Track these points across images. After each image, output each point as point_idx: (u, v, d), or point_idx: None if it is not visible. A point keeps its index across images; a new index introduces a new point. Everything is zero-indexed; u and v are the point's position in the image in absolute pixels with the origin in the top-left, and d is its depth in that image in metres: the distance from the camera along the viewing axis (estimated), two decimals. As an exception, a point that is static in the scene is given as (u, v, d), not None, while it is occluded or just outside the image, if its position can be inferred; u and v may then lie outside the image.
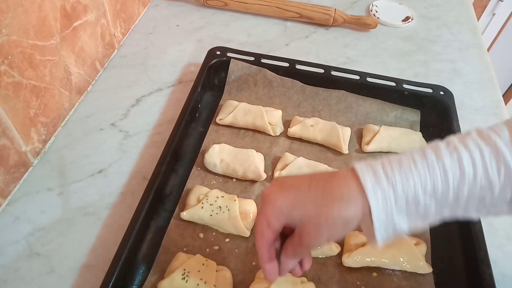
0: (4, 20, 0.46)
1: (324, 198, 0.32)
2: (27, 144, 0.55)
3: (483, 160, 0.30)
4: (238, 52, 0.67)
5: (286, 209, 0.33)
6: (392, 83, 0.65)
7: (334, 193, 0.32)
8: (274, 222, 0.34)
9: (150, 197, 0.49)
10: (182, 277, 0.44)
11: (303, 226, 0.33)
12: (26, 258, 0.48)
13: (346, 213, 0.31)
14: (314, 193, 0.32)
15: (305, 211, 0.32)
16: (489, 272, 0.45)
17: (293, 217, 0.33)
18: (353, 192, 0.31)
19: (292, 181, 0.34)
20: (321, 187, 0.32)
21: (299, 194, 0.33)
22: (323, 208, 0.32)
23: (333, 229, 0.32)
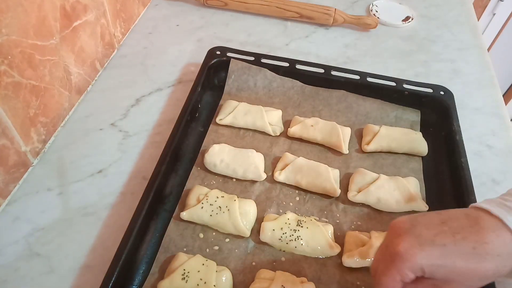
0: (4, 20, 0.46)
1: (478, 255, 0.30)
2: (27, 144, 0.55)
3: None
4: (238, 52, 0.67)
5: (429, 267, 0.31)
6: (392, 83, 0.64)
7: (488, 249, 0.30)
8: (411, 277, 0.31)
9: (150, 197, 0.49)
10: (182, 277, 0.44)
11: (448, 282, 0.31)
12: (26, 258, 0.48)
13: (502, 268, 0.30)
14: (464, 250, 0.30)
15: (454, 269, 0.30)
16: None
17: (435, 274, 0.31)
18: (507, 242, 0.30)
19: (429, 234, 0.31)
20: (471, 242, 0.30)
21: (445, 252, 0.30)
22: (478, 266, 0.30)
23: (484, 282, 0.31)
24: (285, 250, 0.49)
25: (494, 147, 0.64)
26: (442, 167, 0.59)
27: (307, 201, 0.54)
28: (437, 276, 0.31)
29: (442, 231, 0.31)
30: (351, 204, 0.54)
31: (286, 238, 0.48)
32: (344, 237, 0.50)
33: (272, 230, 0.48)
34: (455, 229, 0.31)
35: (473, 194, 0.52)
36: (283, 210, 0.53)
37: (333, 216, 0.53)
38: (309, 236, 0.48)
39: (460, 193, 0.53)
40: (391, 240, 0.33)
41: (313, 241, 0.48)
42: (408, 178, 0.55)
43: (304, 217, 0.51)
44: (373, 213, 0.53)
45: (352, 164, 0.58)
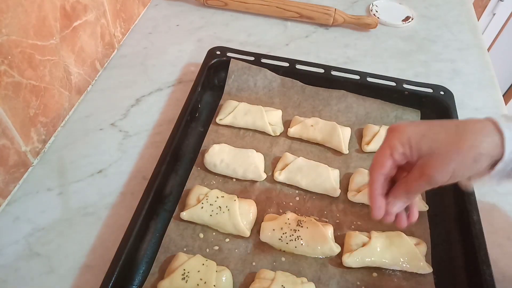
0: (4, 20, 0.46)
1: (459, 130, 0.32)
2: (27, 144, 0.55)
3: None
4: (238, 52, 0.67)
5: (415, 137, 0.33)
6: (392, 83, 0.64)
7: (469, 127, 0.32)
8: (399, 149, 0.34)
9: (150, 197, 0.49)
10: (182, 277, 0.44)
11: (430, 157, 0.33)
12: (26, 258, 0.48)
13: (480, 145, 0.31)
14: (448, 126, 0.33)
15: (437, 140, 0.32)
16: (489, 272, 0.45)
17: (420, 146, 0.33)
18: (488, 127, 0.31)
19: (421, 122, 0.35)
20: (455, 122, 0.33)
21: (431, 126, 0.33)
22: (457, 138, 0.32)
23: (462, 162, 0.32)
24: (285, 250, 0.49)
25: (494, 147, 0.64)
26: (442, 167, 0.58)
27: (307, 201, 0.54)
28: (422, 151, 0.33)
29: (434, 121, 0.35)
30: (351, 204, 0.54)
31: (286, 238, 0.48)
32: (344, 237, 0.50)
33: (272, 230, 0.48)
34: (447, 120, 0.35)
35: (473, 194, 0.52)
36: (283, 210, 0.53)
37: (333, 216, 0.53)
38: (309, 236, 0.48)
39: (460, 193, 0.53)
40: (390, 128, 0.36)
41: (313, 241, 0.48)
42: (408, 178, 0.55)
43: (304, 217, 0.51)
44: (373, 213, 0.53)
45: (352, 164, 0.58)
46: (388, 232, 0.49)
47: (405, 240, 0.48)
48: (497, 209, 0.56)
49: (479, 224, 0.49)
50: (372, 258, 0.47)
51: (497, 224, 0.54)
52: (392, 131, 0.35)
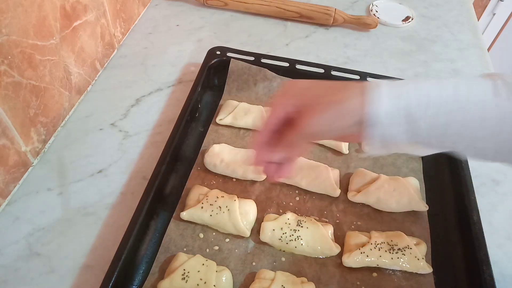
0: (4, 20, 0.46)
1: (332, 88, 0.35)
2: (27, 144, 0.55)
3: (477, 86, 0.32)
4: (238, 52, 0.67)
5: (300, 89, 0.36)
6: (392, 83, 0.64)
7: (340, 86, 0.35)
8: (287, 101, 0.36)
9: (150, 197, 0.49)
10: (182, 277, 0.44)
11: (306, 108, 0.35)
12: (26, 258, 0.48)
13: (346, 100, 0.33)
14: (325, 85, 0.36)
15: (314, 93, 0.36)
16: (489, 272, 0.45)
17: (302, 97, 0.36)
18: (356, 90, 0.34)
19: (308, 81, 0.38)
20: (331, 83, 0.36)
21: (314, 83, 0.37)
22: (329, 92, 0.35)
23: (330, 114, 0.34)
24: (285, 250, 0.49)
25: (494, 147, 0.64)
26: (442, 167, 0.59)
27: (307, 201, 0.54)
28: (303, 102, 0.36)
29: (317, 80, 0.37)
30: (351, 204, 0.54)
31: (286, 238, 0.48)
32: (344, 237, 0.50)
33: (272, 230, 0.49)
34: (327, 82, 0.37)
35: (473, 194, 0.52)
36: (283, 210, 0.53)
37: (333, 216, 0.53)
38: (309, 236, 0.48)
39: (460, 193, 0.53)
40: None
41: (313, 241, 0.48)
42: (408, 178, 0.55)
43: (304, 217, 0.51)
44: (373, 213, 0.53)
45: (352, 164, 0.58)
46: (388, 232, 0.50)
47: (405, 240, 0.48)
48: (497, 209, 0.56)
49: (479, 224, 0.49)
50: (372, 258, 0.47)
51: (497, 224, 0.54)
52: (285, 85, 0.38)
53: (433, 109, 0.32)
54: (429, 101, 0.32)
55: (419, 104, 0.32)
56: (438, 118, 0.32)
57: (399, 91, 0.33)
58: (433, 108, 0.32)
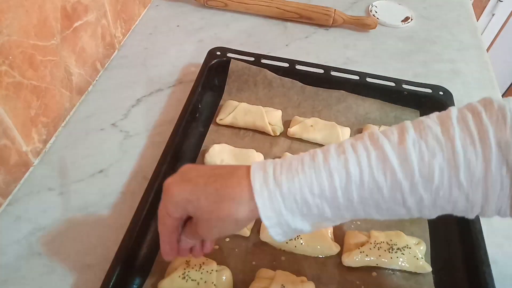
0: (5, 20, 0.46)
1: (217, 196, 0.33)
2: (28, 144, 0.55)
3: (369, 163, 0.30)
4: (238, 53, 0.67)
5: (181, 202, 0.34)
6: (392, 84, 0.65)
7: (227, 193, 0.33)
8: (173, 212, 0.35)
9: (151, 197, 0.49)
10: (182, 276, 0.44)
11: (197, 220, 0.35)
12: (27, 257, 0.48)
13: (236, 213, 0.32)
14: (209, 190, 0.33)
15: (198, 207, 0.33)
16: (488, 272, 0.45)
17: (188, 210, 0.34)
18: (244, 193, 0.32)
19: (192, 174, 0.35)
20: (217, 184, 0.33)
21: (195, 189, 0.34)
22: (215, 206, 0.33)
23: (224, 226, 0.34)
24: (285, 250, 0.49)
25: (493, 147, 0.64)
26: (442, 167, 0.59)
27: (307, 201, 0.54)
28: (189, 212, 0.34)
29: (204, 174, 0.34)
30: (351, 204, 0.54)
31: (286, 237, 0.48)
32: (344, 237, 0.50)
33: (272, 229, 0.49)
34: (214, 174, 0.34)
35: (472, 193, 0.52)
36: (283, 210, 0.53)
37: (333, 216, 0.53)
38: (309, 236, 0.48)
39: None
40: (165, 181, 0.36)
41: (312, 241, 0.48)
42: (408, 178, 0.55)
43: (304, 217, 0.51)
44: (373, 213, 0.53)
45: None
46: (387, 232, 0.50)
47: (404, 240, 0.48)
48: (496, 209, 0.56)
49: (478, 224, 0.49)
50: (371, 258, 0.47)
51: (496, 224, 0.54)
52: (164, 192, 0.35)
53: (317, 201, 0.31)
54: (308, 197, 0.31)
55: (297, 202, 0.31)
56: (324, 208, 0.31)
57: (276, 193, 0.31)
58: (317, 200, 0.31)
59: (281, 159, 0.34)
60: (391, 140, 0.31)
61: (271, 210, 0.32)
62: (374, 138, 0.32)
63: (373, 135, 0.32)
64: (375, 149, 0.31)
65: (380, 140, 0.31)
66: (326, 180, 0.31)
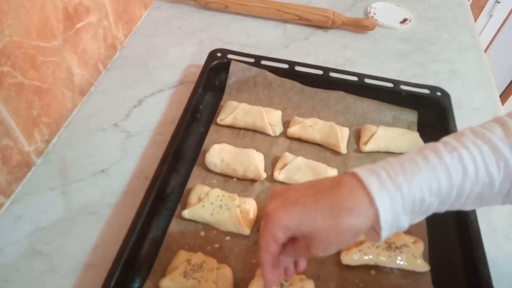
0: (6, 21, 0.47)
1: (333, 211, 0.32)
2: (30, 144, 0.55)
3: (482, 156, 0.31)
4: (238, 54, 0.68)
5: (293, 225, 0.33)
6: (390, 84, 0.65)
7: (343, 205, 0.32)
8: (281, 237, 0.34)
9: (152, 197, 0.49)
10: (184, 275, 0.44)
11: (312, 239, 0.33)
12: (28, 257, 0.48)
13: (357, 224, 0.31)
14: (322, 207, 0.32)
15: (315, 225, 0.32)
16: (487, 271, 0.45)
17: (301, 231, 0.33)
18: (362, 202, 0.31)
19: (295, 196, 0.34)
20: (328, 200, 0.32)
21: (305, 210, 0.33)
22: (334, 222, 0.32)
23: (343, 240, 0.33)
24: (285, 249, 0.50)
25: (491, 147, 0.64)
26: (440, 166, 0.59)
27: (306, 200, 0.55)
28: (303, 233, 0.33)
29: (307, 193, 0.34)
30: (350, 203, 0.54)
31: (286, 236, 0.48)
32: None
33: (272, 228, 0.49)
34: (318, 190, 0.33)
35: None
36: (283, 209, 0.53)
37: (332, 215, 0.53)
38: (309, 235, 0.49)
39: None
40: (267, 208, 0.35)
41: (312, 240, 0.48)
42: (406, 178, 0.55)
43: (304, 216, 0.51)
44: (372, 212, 0.54)
45: (350, 164, 0.59)
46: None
47: (402, 239, 0.49)
48: (495, 209, 0.56)
49: (476, 223, 0.49)
50: (370, 256, 0.47)
51: (495, 223, 0.55)
52: (270, 219, 0.34)
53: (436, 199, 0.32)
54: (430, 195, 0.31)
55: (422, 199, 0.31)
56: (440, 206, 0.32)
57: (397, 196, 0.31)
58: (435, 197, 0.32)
59: (384, 163, 0.33)
60: (497, 134, 0.32)
61: (390, 213, 0.31)
62: (479, 134, 0.32)
63: (475, 131, 0.32)
64: (484, 143, 0.31)
65: (486, 134, 0.32)
66: (444, 178, 0.31)
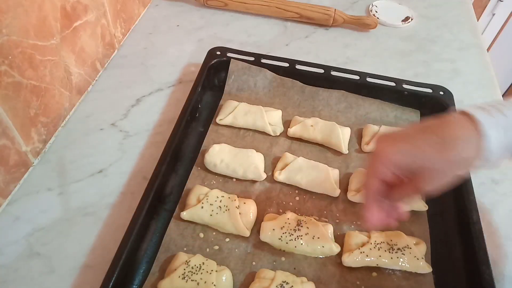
0: (5, 20, 0.46)
1: (443, 141, 0.33)
2: (27, 144, 0.55)
3: None
4: (238, 52, 0.67)
5: (402, 160, 0.34)
6: (392, 83, 0.65)
7: (452, 135, 0.33)
8: (387, 173, 0.35)
9: (150, 197, 0.49)
10: (182, 277, 0.44)
11: (422, 173, 0.34)
12: (26, 258, 0.48)
13: (464, 151, 0.32)
14: (432, 139, 0.33)
15: (425, 157, 0.33)
16: (488, 272, 0.45)
17: (410, 166, 0.34)
18: (470, 131, 0.32)
19: (403, 133, 0.35)
20: (438, 132, 0.33)
21: (415, 143, 0.34)
22: (444, 152, 0.33)
23: (451, 169, 0.33)
24: (285, 250, 0.49)
25: (493, 147, 0.64)
26: (442, 167, 0.59)
27: (307, 201, 0.54)
28: (413, 169, 0.34)
29: (415, 130, 0.35)
30: (351, 204, 0.54)
31: (286, 237, 0.48)
32: (344, 237, 0.50)
33: (272, 229, 0.49)
34: (427, 127, 0.35)
35: (473, 194, 0.52)
36: (283, 210, 0.53)
37: (333, 216, 0.53)
38: (309, 236, 0.48)
39: (459, 192, 0.53)
40: (375, 147, 0.36)
41: (313, 241, 0.48)
42: (408, 178, 0.55)
43: (304, 217, 0.51)
44: (373, 213, 0.53)
45: (351, 164, 0.59)
46: (387, 232, 0.50)
47: (404, 240, 0.48)
48: (497, 209, 0.56)
49: (478, 224, 0.49)
50: (371, 258, 0.47)
51: (496, 224, 0.54)
52: (377, 157, 0.35)
53: None
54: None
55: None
56: None
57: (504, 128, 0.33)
58: None
59: (487, 103, 0.34)
60: None
61: (497, 139, 0.32)
62: None
63: None
64: None
65: None
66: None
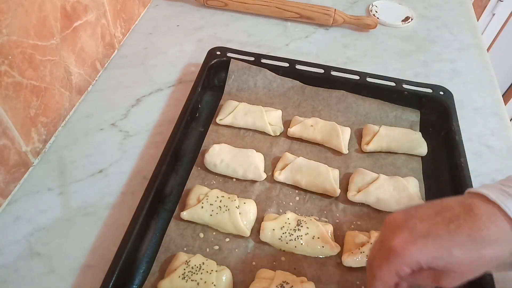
0: (5, 20, 0.46)
1: (474, 243, 0.30)
2: (28, 144, 0.55)
3: None
4: (238, 52, 0.67)
5: (426, 260, 0.31)
6: (392, 83, 0.65)
7: (484, 235, 0.29)
8: (406, 271, 0.31)
9: (150, 197, 0.49)
10: (182, 276, 0.44)
11: (447, 271, 0.31)
12: (26, 258, 0.48)
13: (501, 253, 0.30)
14: (459, 239, 0.30)
15: (453, 259, 0.30)
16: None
17: (433, 265, 0.31)
18: (505, 230, 0.30)
19: (424, 226, 0.31)
20: (464, 230, 0.30)
21: (440, 243, 0.30)
22: (476, 255, 0.30)
23: (481, 271, 0.31)
24: (285, 250, 0.49)
25: (493, 147, 0.64)
26: (442, 167, 0.59)
27: (307, 201, 0.54)
28: (436, 267, 0.31)
29: (436, 222, 0.31)
30: (351, 204, 0.54)
31: (286, 237, 0.48)
32: (344, 237, 0.50)
33: (272, 229, 0.49)
34: (449, 219, 0.31)
35: (473, 194, 0.52)
36: (283, 210, 0.53)
37: (333, 216, 0.53)
38: (309, 236, 0.48)
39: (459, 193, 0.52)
40: (386, 236, 0.32)
41: (313, 241, 0.48)
42: (408, 178, 0.55)
43: (304, 217, 0.51)
44: (373, 213, 0.53)
45: (351, 164, 0.59)
46: (387, 232, 0.50)
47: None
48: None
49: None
50: (371, 258, 0.47)
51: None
52: (398, 255, 0.31)
53: None
54: None
55: None
56: None
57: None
58: None
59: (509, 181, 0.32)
60: None
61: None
62: None
63: None
64: None
65: None
66: None
